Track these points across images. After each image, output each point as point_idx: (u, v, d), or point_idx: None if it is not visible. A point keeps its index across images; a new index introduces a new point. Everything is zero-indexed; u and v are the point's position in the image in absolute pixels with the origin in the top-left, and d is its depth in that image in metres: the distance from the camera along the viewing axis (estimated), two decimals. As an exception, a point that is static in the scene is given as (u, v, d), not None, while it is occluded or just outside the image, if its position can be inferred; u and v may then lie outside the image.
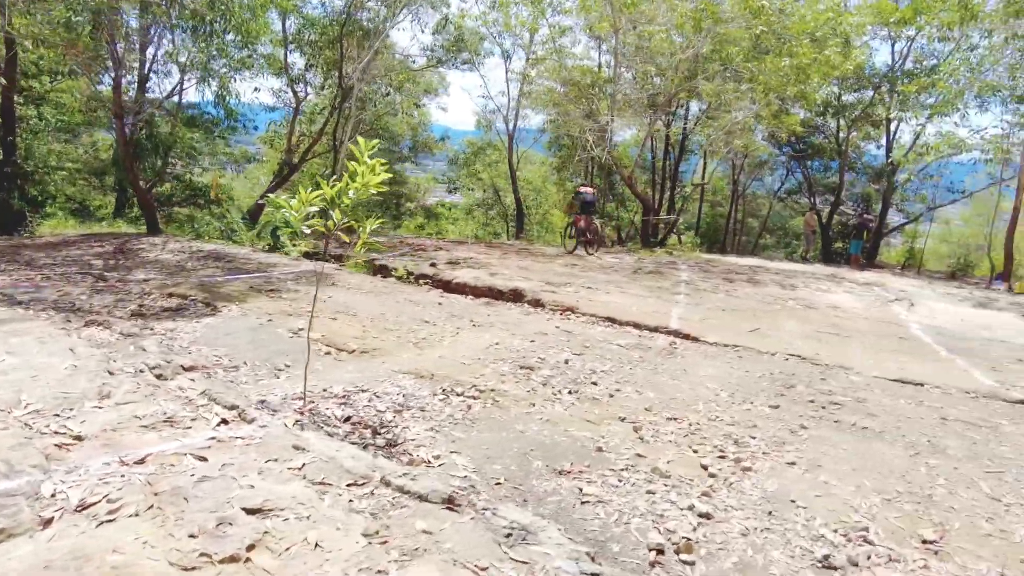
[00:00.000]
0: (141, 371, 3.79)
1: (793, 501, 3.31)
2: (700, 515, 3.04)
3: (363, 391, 4.16)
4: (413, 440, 3.51)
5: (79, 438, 2.81)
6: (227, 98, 11.54)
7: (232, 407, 3.35)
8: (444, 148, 32.38)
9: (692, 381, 5.25)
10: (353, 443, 3.29)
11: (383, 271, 9.64)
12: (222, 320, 5.58)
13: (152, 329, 5.08)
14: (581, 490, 3.16)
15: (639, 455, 3.65)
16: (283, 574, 2.02)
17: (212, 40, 9.98)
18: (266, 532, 2.21)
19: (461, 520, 2.50)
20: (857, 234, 19.23)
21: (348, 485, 2.69)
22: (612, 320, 7.41)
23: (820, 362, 6.30)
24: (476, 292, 8.34)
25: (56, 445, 2.72)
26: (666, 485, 3.33)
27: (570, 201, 14.52)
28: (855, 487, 3.53)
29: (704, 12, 12.27)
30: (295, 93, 16.09)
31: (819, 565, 2.74)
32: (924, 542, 3.02)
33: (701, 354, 6.27)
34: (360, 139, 3.55)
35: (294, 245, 10.52)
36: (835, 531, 3.03)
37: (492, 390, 4.40)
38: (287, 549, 2.15)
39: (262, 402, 3.58)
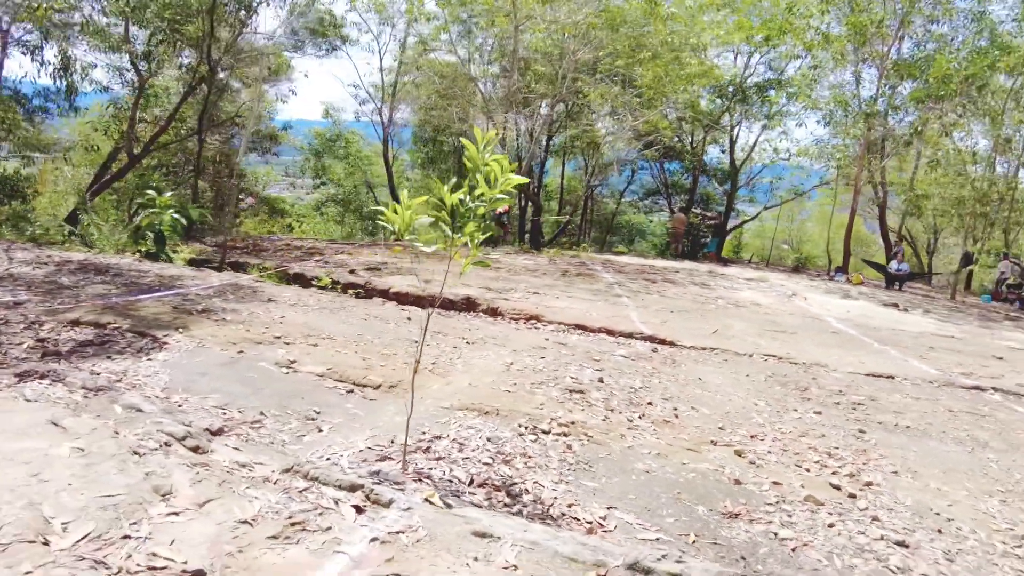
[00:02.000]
0: (167, 444, 2.71)
1: (938, 514, 3.25)
2: (896, 543, 2.85)
3: (438, 438, 3.41)
4: (556, 499, 2.90)
5: (200, 574, 1.85)
6: (69, 70, 9.30)
7: (349, 487, 2.48)
8: (288, 139, 29.86)
9: (718, 389, 5.12)
10: (513, 514, 2.62)
11: (300, 280, 8.44)
12: (180, 356, 4.34)
13: (93, 373, 3.78)
14: (776, 535, 2.81)
15: (775, 483, 3.38)
16: None
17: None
18: None
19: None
20: (715, 233, 20.93)
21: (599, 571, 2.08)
22: (583, 328, 7.11)
23: (796, 361, 6.55)
24: (432, 302, 7.57)
25: None
26: (830, 513, 3.09)
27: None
28: (966, 491, 3.58)
29: (604, 17, 12.47)
30: (139, 72, 13.63)
31: (1036, 583, 2.67)
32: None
33: (692, 360, 6.20)
34: (476, 130, 2.84)
35: (175, 252, 8.84)
36: (1006, 540, 3.00)
37: (572, 423, 3.87)
38: None
39: (374, 473, 2.72)
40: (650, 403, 4.53)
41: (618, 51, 14.82)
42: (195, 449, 2.73)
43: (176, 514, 2.14)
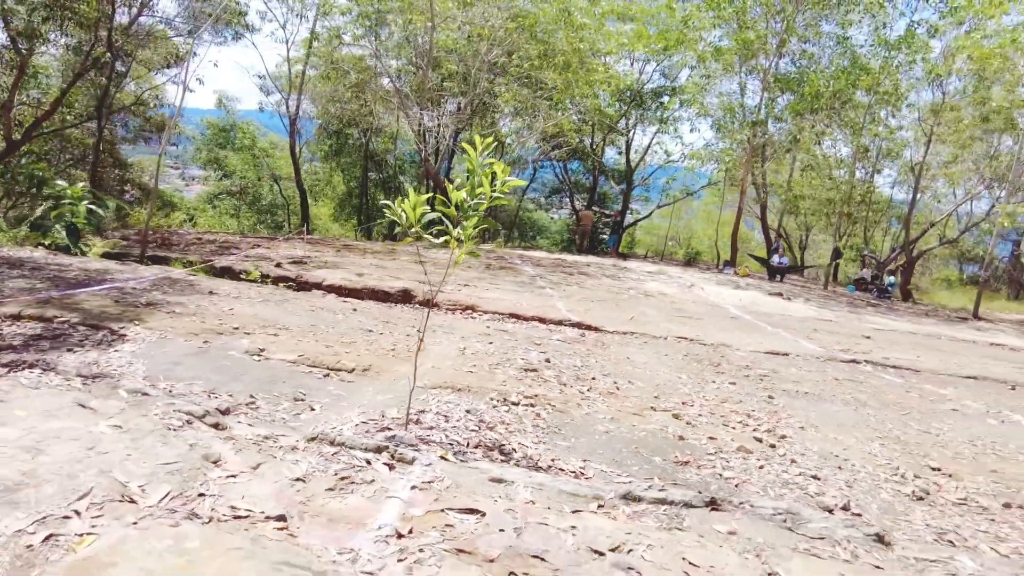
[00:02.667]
0: (189, 421, 2.86)
1: (837, 456, 4.01)
2: (811, 477, 3.54)
3: (423, 412, 3.75)
4: (540, 455, 3.35)
5: (282, 518, 2.10)
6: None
7: (375, 449, 2.78)
8: (179, 128, 28.16)
9: (646, 366, 5.78)
10: (512, 466, 3.04)
11: (228, 273, 8.32)
12: (146, 347, 4.35)
13: (53, 365, 3.77)
14: (721, 475, 3.41)
15: (711, 438, 4.01)
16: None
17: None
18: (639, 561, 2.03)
19: (734, 516, 2.58)
20: (614, 230, 22.14)
21: (599, 508, 2.54)
22: (517, 316, 7.60)
23: (705, 342, 7.39)
24: (372, 295, 7.76)
25: (277, 529, 2.02)
26: (758, 459, 3.75)
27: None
28: (856, 439, 4.40)
29: (519, 21, 13.01)
30: (19, 51, 12.55)
31: (912, 497, 3.43)
32: (934, 470, 3.96)
33: (618, 343, 6.85)
34: (476, 137, 3.22)
35: (87, 246, 8.42)
36: (887, 471, 3.79)
37: (535, 395, 4.33)
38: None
39: (391, 438, 3.02)
40: (594, 378, 5.08)
41: (529, 55, 15.44)
42: (215, 426, 2.92)
43: (233, 476, 2.38)
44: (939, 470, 3.96)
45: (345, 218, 29.14)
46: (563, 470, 3.20)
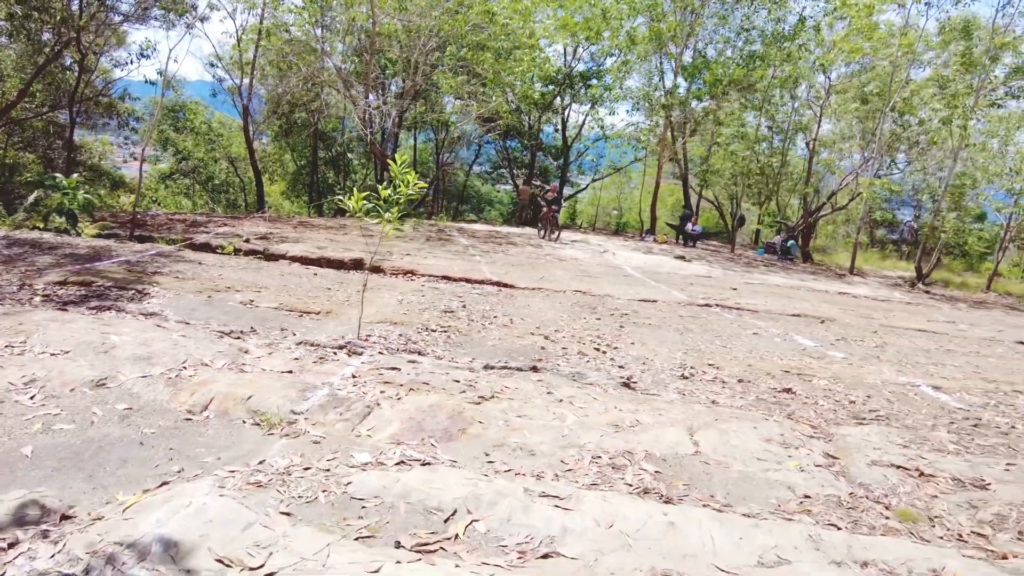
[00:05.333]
0: (221, 336, 4.67)
1: (647, 358, 6.08)
2: (619, 367, 5.60)
3: (369, 335, 5.64)
4: (444, 354, 5.30)
5: (290, 371, 3.96)
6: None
7: (338, 347, 4.66)
8: (128, 108, 28.64)
9: (539, 310, 7.78)
10: (424, 356, 4.97)
11: (206, 249, 9.93)
12: (168, 300, 6.09)
13: (122, 309, 5.50)
14: (558, 365, 5.43)
15: (563, 348, 6.03)
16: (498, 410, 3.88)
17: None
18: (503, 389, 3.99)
19: (544, 374, 4.58)
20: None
21: (470, 371, 4.50)
22: (448, 278, 9.50)
23: (594, 294, 9.45)
24: (329, 263, 9.51)
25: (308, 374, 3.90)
26: (593, 358, 5.78)
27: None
28: (668, 349, 6.49)
29: (451, 23, 14.63)
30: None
31: (679, 377, 5.52)
32: (709, 365, 6.08)
33: (524, 295, 8.85)
34: (399, 156, 5.06)
35: (78, 231, 9.88)
36: (680, 366, 5.88)
37: (448, 326, 6.27)
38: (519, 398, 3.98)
39: (348, 343, 4.92)
40: (495, 317, 7.05)
41: (464, 45, 17.09)
42: (237, 339, 4.76)
43: (258, 357, 4.25)
44: (712, 365, 6.09)
45: (296, 195, 30.34)
46: (457, 360, 5.15)
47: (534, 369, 4.67)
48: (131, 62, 17.81)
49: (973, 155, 17.86)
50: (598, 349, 6.17)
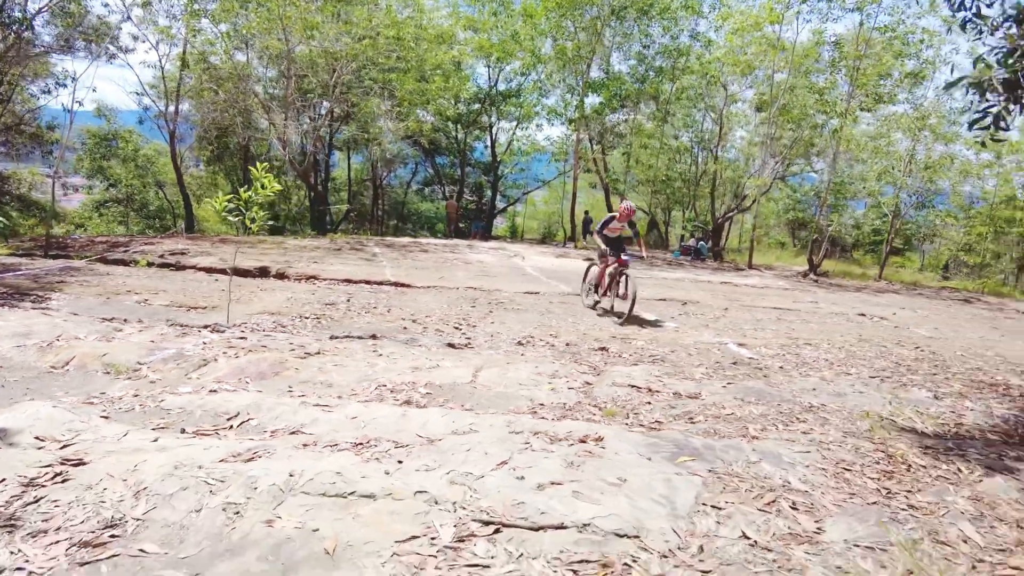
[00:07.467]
0: (104, 322, 5.42)
1: (497, 332, 7.03)
2: (465, 337, 6.53)
3: (246, 323, 6.45)
4: (309, 335, 6.14)
5: (152, 341, 4.74)
6: None
7: (208, 329, 5.47)
8: (58, 138, 28.62)
9: (424, 303, 8.69)
10: (286, 334, 5.81)
11: (121, 263, 10.53)
12: (68, 301, 6.76)
13: (16, 305, 6.17)
14: (415, 339, 6.33)
15: (423, 328, 6.95)
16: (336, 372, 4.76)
17: None
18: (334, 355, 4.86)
19: (383, 341, 5.47)
20: (477, 216, 25.13)
21: (317, 341, 5.36)
22: (349, 280, 10.33)
23: (484, 289, 10.42)
24: (236, 272, 10.19)
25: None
26: (449, 335, 6.70)
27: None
28: (521, 326, 7.46)
29: (361, 47, 15.59)
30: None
31: (517, 341, 6.48)
32: (551, 335, 7.06)
33: (419, 292, 9.75)
34: (258, 164, 5.92)
35: (-8, 250, 10.36)
36: (522, 336, 6.84)
37: (323, 315, 7.12)
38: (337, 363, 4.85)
39: (219, 326, 5.71)
40: (375, 308, 7.93)
41: (384, 68, 18.06)
42: (118, 325, 5.52)
43: (129, 335, 5.03)
44: (553, 335, 7.08)
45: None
46: (320, 340, 6.00)
47: (373, 337, 5.57)
48: (49, 91, 18.12)
49: (857, 155, 19.74)
50: (457, 328, 7.10)
